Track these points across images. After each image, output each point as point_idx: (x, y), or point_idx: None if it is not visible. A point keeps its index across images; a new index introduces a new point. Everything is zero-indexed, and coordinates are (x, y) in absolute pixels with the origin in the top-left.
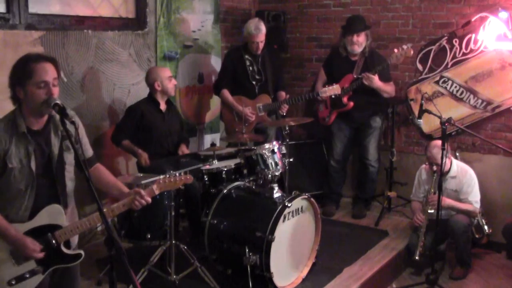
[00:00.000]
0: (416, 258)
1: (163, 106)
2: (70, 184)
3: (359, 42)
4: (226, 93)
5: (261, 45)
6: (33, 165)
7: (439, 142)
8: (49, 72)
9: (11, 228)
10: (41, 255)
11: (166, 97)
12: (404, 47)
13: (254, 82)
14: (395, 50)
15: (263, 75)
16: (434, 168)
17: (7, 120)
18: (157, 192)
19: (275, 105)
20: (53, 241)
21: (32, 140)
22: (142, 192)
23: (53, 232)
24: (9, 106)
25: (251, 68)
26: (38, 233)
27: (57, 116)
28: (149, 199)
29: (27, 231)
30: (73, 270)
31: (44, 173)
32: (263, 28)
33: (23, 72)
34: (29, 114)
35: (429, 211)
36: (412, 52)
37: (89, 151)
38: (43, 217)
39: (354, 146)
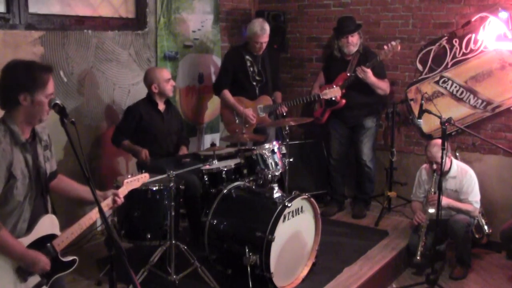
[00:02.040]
0: (418, 258)
1: (161, 107)
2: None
3: (354, 42)
4: (227, 93)
5: (264, 46)
6: (32, 175)
7: (439, 141)
8: (53, 85)
9: (19, 244)
10: (49, 268)
11: (164, 98)
12: (393, 43)
13: (254, 83)
14: (385, 47)
15: (264, 76)
16: (434, 166)
17: (2, 130)
18: (127, 191)
19: (275, 106)
20: (52, 251)
21: (30, 150)
22: (119, 193)
23: (51, 242)
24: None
25: (251, 69)
26: (37, 244)
27: (38, 127)
28: (123, 199)
29: (30, 244)
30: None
31: (36, 183)
32: (268, 29)
33: (36, 80)
34: (22, 122)
35: (429, 210)
36: (399, 47)
37: (55, 165)
38: (43, 228)
39: (351, 146)
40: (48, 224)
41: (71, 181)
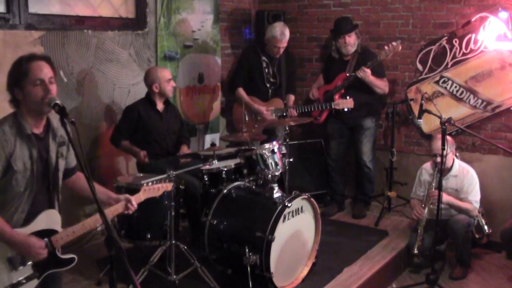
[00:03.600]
0: (415, 252)
1: (160, 107)
2: (60, 190)
3: (351, 43)
4: (241, 91)
5: (282, 50)
6: (35, 168)
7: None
8: (44, 70)
9: (13, 230)
10: (45, 253)
11: (164, 98)
12: (394, 43)
13: (268, 85)
14: (385, 47)
15: (278, 79)
16: (438, 159)
17: (10, 122)
18: (143, 198)
19: (286, 109)
20: (50, 246)
21: (36, 143)
22: (132, 199)
23: (50, 237)
24: (8, 107)
25: (266, 70)
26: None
27: (54, 122)
28: (136, 206)
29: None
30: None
31: (42, 178)
32: (287, 34)
33: (18, 72)
34: (29, 116)
35: (430, 206)
36: (400, 47)
37: (74, 161)
38: (42, 222)
39: (351, 146)
40: (48, 219)
41: None
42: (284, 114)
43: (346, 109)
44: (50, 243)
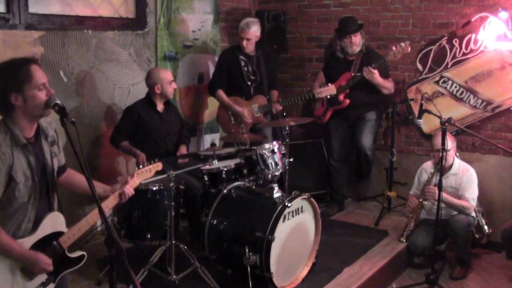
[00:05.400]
0: (402, 239)
1: (160, 107)
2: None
3: (357, 42)
4: (221, 93)
5: (248, 44)
6: (36, 176)
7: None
8: (42, 74)
9: (18, 245)
10: (51, 267)
11: (165, 99)
12: (402, 44)
13: (249, 83)
14: (393, 48)
15: (258, 76)
16: (440, 155)
17: (2, 133)
18: (138, 182)
19: (270, 105)
20: (59, 248)
21: (32, 150)
22: (129, 184)
23: (57, 239)
24: None
25: (246, 69)
26: (43, 243)
27: (42, 122)
28: (132, 190)
29: (34, 243)
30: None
31: (41, 182)
32: (253, 27)
33: (20, 77)
34: (25, 121)
35: (424, 202)
36: (409, 49)
37: (63, 160)
38: (47, 227)
39: (353, 145)
40: (53, 222)
41: (81, 175)
42: (275, 112)
43: (328, 96)
44: (59, 245)
